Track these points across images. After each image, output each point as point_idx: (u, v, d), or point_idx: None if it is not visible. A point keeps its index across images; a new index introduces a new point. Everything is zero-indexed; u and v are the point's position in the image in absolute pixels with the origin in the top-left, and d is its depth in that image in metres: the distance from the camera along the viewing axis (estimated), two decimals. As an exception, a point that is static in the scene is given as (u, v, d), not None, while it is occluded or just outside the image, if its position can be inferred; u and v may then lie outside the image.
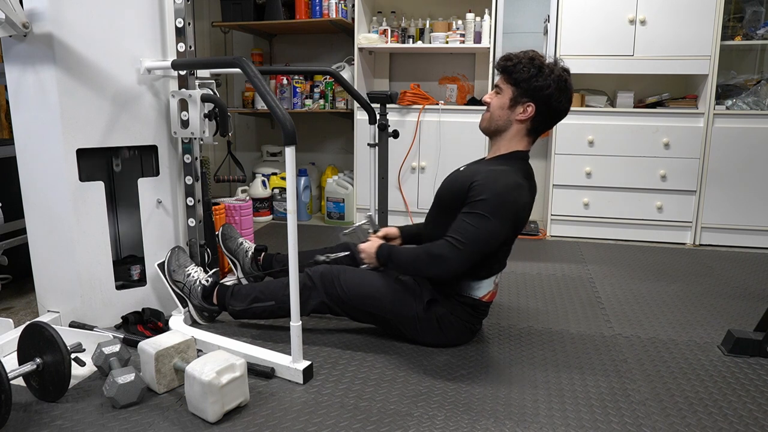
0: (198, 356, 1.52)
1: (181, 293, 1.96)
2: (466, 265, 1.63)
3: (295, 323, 1.57)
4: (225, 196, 3.71)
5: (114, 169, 2.10)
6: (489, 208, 1.59)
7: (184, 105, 1.94)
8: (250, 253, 2.25)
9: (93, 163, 1.99)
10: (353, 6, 3.49)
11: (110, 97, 1.85)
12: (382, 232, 1.98)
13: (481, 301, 1.78)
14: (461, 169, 1.84)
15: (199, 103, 1.90)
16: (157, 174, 2.00)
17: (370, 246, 1.80)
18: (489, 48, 3.36)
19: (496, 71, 1.74)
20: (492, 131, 1.77)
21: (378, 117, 2.50)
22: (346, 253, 2.00)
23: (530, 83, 1.66)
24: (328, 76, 3.70)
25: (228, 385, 1.39)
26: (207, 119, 1.94)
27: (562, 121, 1.78)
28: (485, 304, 1.81)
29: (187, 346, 1.56)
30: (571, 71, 1.72)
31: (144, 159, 2.11)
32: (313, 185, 3.99)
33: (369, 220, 2.06)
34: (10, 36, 1.74)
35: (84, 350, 1.57)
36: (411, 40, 3.56)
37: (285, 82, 3.77)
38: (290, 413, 1.43)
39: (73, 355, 1.46)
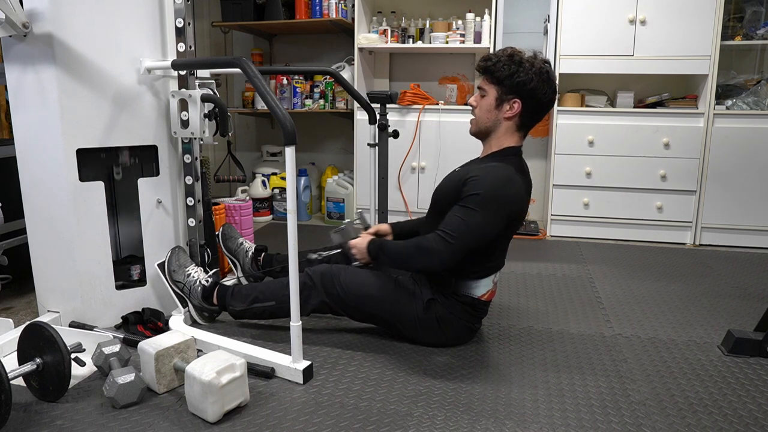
0: (198, 356, 1.52)
1: (181, 293, 1.96)
2: (455, 258, 1.64)
3: (295, 323, 1.57)
4: (225, 196, 3.71)
5: (115, 177, 2.10)
6: (479, 202, 1.61)
7: (184, 105, 1.94)
8: (250, 253, 2.25)
9: (94, 165, 1.98)
10: (353, 6, 3.49)
11: (110, 97, 1.85)
12: (374, 228, 1.99)
13: (480, 300, 1.78)
14: (456, 170, 1.84)
15: (199, 103, 1.90)
16: (157, 174, 2.00)
17: (361, 242, 1.81)
18: (489, 48, 3.36)
19: (477, 73, 1.73)
20: (483, 133, 1.78)
21: (378, 117, 2.50)
22: (338, 249, 1.98)
23: (513, 80, 1.67)
24: (328, 76, 3.70)
25: (228, 385, 1.39)
26: (207, 119, 1.94)
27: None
28: (484, 303, 1.82)
29: (187, 346, 1.56)
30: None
31: (144, 163, 2.11)
32: (313, 185, 3.99)
33: (360, 218, 2.06)
34: (10, 36, 1.74)
35: (84, 350, 1.57)
36: (411, 40, 3.56)
37: (285, 82, 3.77)
38: (290, 413, 1.43)
39: (73, 355, 1.46)
